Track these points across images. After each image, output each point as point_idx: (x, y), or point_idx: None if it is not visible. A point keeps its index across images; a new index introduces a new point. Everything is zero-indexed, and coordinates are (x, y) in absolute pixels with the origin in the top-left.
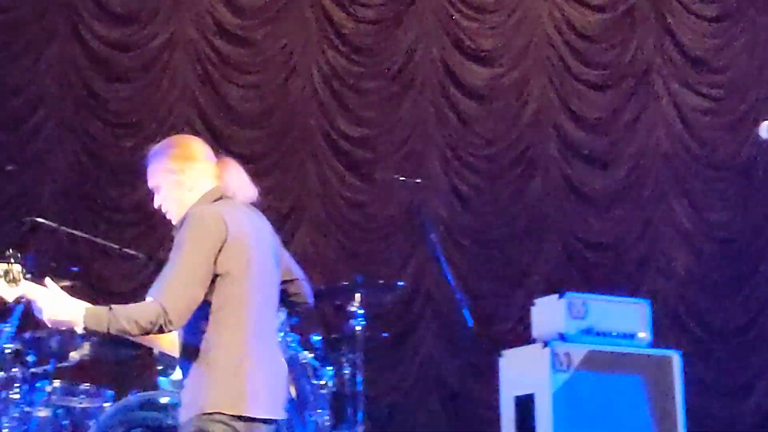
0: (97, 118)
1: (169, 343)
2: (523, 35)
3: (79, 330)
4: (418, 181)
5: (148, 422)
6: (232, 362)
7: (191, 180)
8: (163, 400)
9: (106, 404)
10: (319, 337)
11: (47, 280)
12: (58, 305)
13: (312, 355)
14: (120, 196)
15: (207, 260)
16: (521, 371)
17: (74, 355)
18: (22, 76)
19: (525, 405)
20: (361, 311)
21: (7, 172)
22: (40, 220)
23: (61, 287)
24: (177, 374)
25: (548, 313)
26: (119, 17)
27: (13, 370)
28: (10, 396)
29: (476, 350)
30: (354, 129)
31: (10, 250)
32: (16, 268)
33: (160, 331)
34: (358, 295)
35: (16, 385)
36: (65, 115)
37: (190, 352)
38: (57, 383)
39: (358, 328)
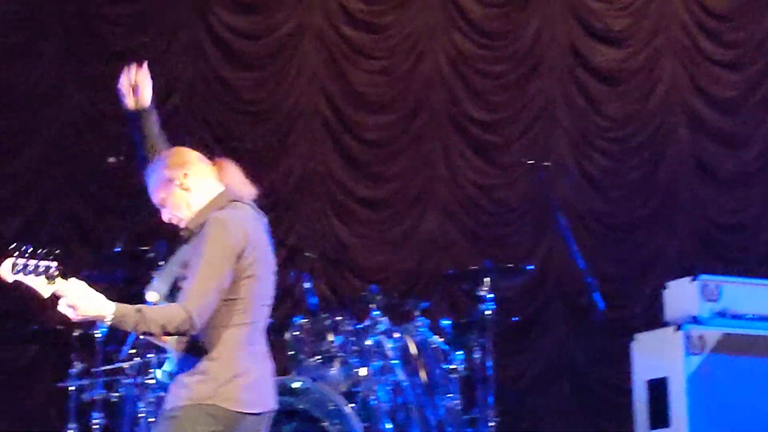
0: (227, 107)
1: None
2: (653, 15)
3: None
4: (547, 164)
5: (279, 407)
6: (234, 359)
7: (193, 183)
8: (295, 385)
9: None
10: (449, 322)
11: (72, 278)
12: (88, 302)
13: (442, 339)
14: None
15: (229, 266)
16: (654, 355)
17: None
18: (152, 66)
19: (658, 389)
20: (491, 295)
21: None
22: None
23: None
24: (169, 365)
25: (681, 295)
26: (247, 5)
27: (149, 355)
28: (146, 381)
29: (607, 334)
30: (481, 113)
31: (46, 249)
32: (53, 265)
33: (183, 334)
34: (487, 280)
35: (151, 370)
36: (196, 103)
37: (194, 345)
38: None
39: (487, 312)
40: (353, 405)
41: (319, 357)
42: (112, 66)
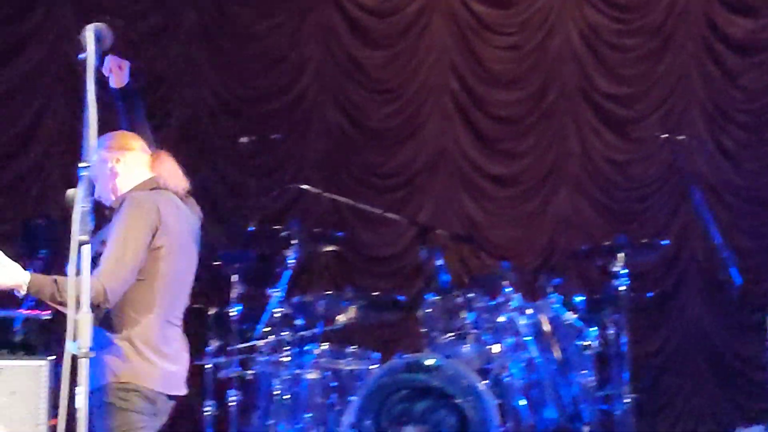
0: (357, 85)
1: None
2: None
3: (20, 294)
4: (681, 137)
5: (413, 384)
6: (148, 340)
7: (123, 169)
8: (428, 362)
9: (372, 366)
10: (583, 298)
11: None
12: (4, 272)
13: (575, 315)
14: (381, 161)
15: (144, 243)
16: None
17: (341, 319)
18: (284, 46)
19: None
20: (625, 271)
21: (272, 140)
22: (304, 186)
23: (326, 252)
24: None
25: None
26: None
27: (283, 333)
28: (281, 359)
29: (744, 309)
30: (614, 87)
31: None
32: None
33: (97, 308)
34: (621, 255)
35: (286, 348)
36: (326, 83)
37: (109, 322)
38: (325, 346)
39: (621, 288)
40: (486, 382)
41: (452, 334)
42: (245, 47)
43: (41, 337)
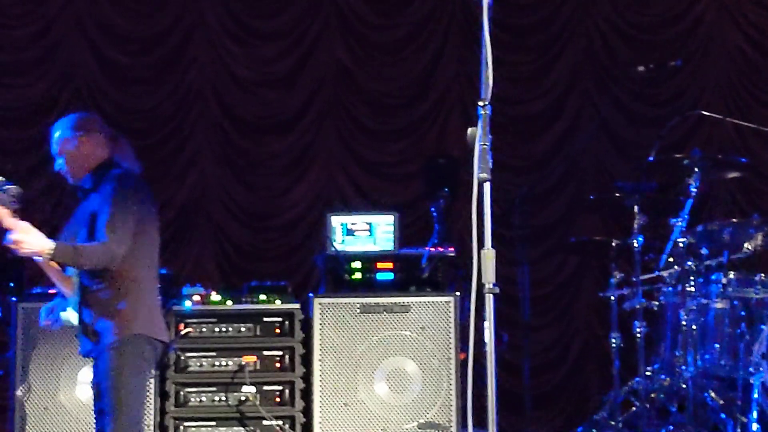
0: (758, 4)
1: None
2: None
3: (44, 259)
4: None
5: None
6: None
7: (88, 148)
8: None
9: None
10: None
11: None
12: (31, 238)
13: None
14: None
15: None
16: None
17: (748, 246)
18: None
19: None
20: None
21: (670, 67)
22: (705, 113)
23: (729, 178)
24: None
25: None
26: None
27: (688, 263)
28: (687, 289)
29: None
30: None
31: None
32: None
33: (108, 267)
34: None
35: (691, 278)
36: (725, 4)
37: (106, 287)
38: (731, 275)
39: None
40: None
41: None
42: None
43: (447, 273)
